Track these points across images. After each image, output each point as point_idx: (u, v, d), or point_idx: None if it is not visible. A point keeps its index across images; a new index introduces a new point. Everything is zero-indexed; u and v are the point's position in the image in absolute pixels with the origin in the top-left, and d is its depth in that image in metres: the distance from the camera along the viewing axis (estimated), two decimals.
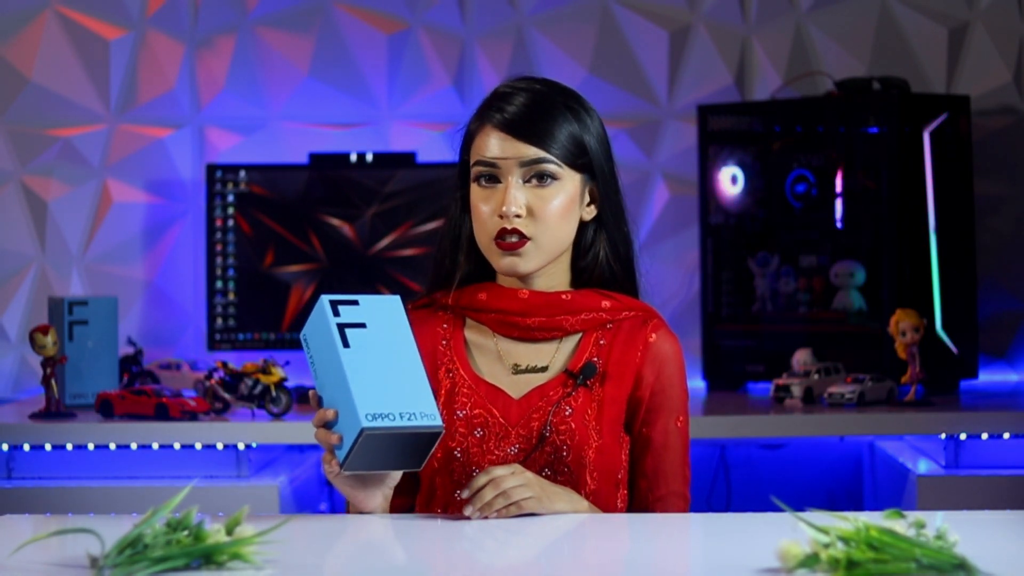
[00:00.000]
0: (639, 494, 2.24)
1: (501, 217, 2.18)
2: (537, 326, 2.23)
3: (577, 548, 1.97)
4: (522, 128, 2.19)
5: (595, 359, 2.23)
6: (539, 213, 2.19)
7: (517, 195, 2.18)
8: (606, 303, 2.26)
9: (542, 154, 2.19)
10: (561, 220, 2.21)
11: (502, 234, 2.18)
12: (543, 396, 2.21)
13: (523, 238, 2.18)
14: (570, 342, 2.26)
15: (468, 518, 2.05)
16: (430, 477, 2.20)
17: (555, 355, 2.25)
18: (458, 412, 2.19)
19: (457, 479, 2.18)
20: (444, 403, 2.21)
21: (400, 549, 1.96)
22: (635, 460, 2.24)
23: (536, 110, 2.20)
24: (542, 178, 2.19)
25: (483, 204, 2.20)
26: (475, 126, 2.23)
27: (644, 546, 1.99)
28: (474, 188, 2.21)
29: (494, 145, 2.19)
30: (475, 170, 2.21)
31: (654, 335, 2.26)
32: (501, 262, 2.20)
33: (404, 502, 2.24)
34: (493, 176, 2.20)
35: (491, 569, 1.85)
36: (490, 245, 2.20)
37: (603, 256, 2.28)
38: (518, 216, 2.18)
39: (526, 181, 2.19)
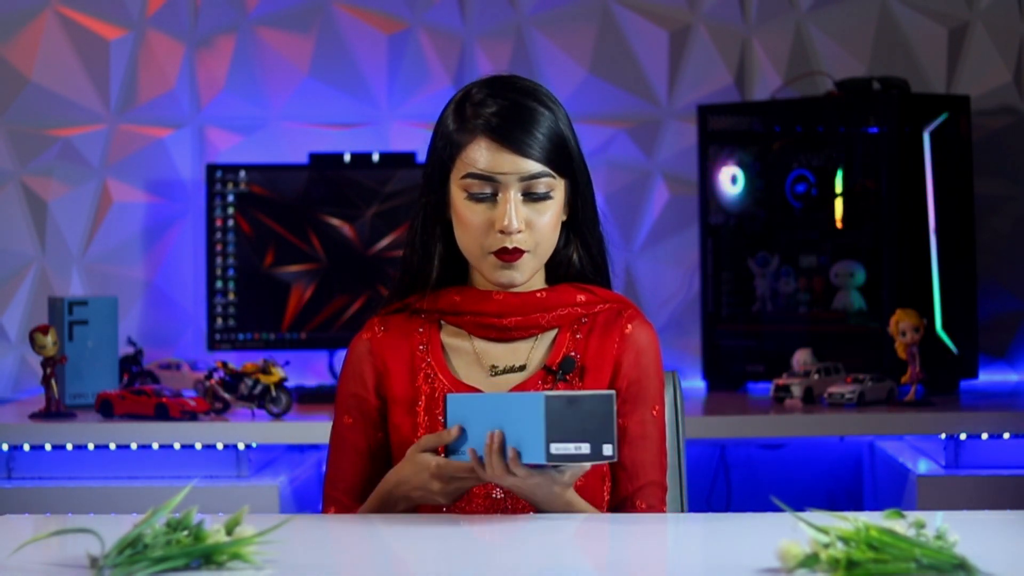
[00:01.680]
0: (618, 485, 2.23)
1: (502, 233, 2.16)
2: (514, 326, 2.23)
3: (575, 548, 1.97)
4: (519, 140, 2.16)
5: (572, 353, 2.23)
6: (536, 226, 2.18)
7: (520, 211, 2.17)
8: (581, 297, 2.26)
9: (541, 167, 2.17)
10: (554, 231, 2.21)
11: (502, 250, 2.17)
12: None
13: (520, 251, 2.18)
14: (546, 339, 2.25)
15: (467, 519, 2.05)
16: None
17: (531, 353, 2.24)
18: (439, 418, 2.19)
19: None
20: (425, 409, 2.20)
21: (399, 549, 1.96)
22: None
23: (527, 118, 2.17)
24: (539, 192, 2.18)
25: (476, 217, 2.17)
26: (462, 137, 2.18)
27: (644, 546, 1.99)
28: (464, 201, 2.18)
29: (491, 158, 2.16)
30: (466, 182, 2.17)
31: (630, 326, 2.26)
32: (496, 274, 2.19)
33: None
34: (488, 189, 2.18)
35: (490, 569, 1.85)
36: (484, 257, 2.18)
37: (576, 259, 2.28)
38: (519, 232, 2.18)
39: (524, 194, 2.18)
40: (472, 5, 4.40)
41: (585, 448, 1.97)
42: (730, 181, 4.18)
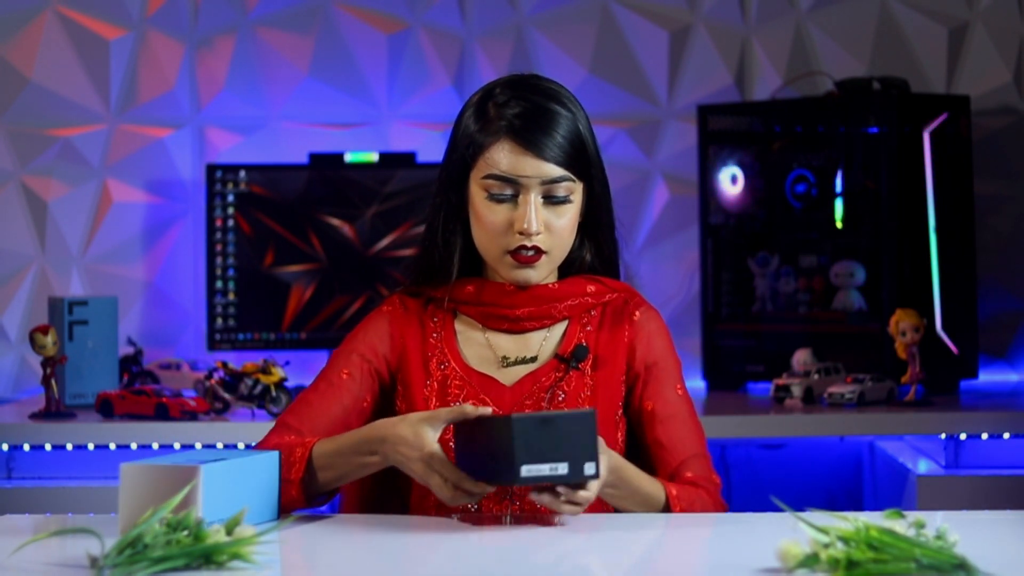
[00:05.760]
0: (661, 464, 2.25)
1: (521, 234, 2.19)
2: (526, 316, 2.26)
3: (577, 548, 1.97)
4: (541, 144, 2.18)
5: (584, 342, 2.25)
6: (555, 228, 2.21)
7: (540, 213, 2.19)
8: (591, 287, 2.29)
9: (562, 172, 2.20)
10: (571, 233, 2.25)
11: (520, 249, 2.20)
12: (535, 382, 2.23)
13: (539, 252, 2.20)
14: (557, 330, 2.29)
15: (467, 519, 2.05)
16: None
17: (543, 343, 2.27)
18: (451, 403, 2.20)
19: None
20: (437, 395, 2.22)
21: (399, 549, 1.96)
22: (647, 434, 2.26)
23: (550, 122, 2.19)
24: (560, 196, 2.20)
25: (495, 217, 2.20)
26: (485, 137, 2.21)
27: (644, 546, 1.99)
28: (483, 200, 2.21)
29: (514, 161, 2.19)
30: (487, 182, 2.20)
31: (637, 312, 2.30)
32: (513, 273, 2.22)
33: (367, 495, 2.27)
34: (509, 190, 2.20)
35: (490, 569, 1.85)
36: (502, 257, 2.21)
37: (588, 258, 2.31)
38: (538, 234, 2.19)
39: (544, 197, 2.20)
40: (472, 5, 4.40)
41: (563, 468, 1.95)
42: (730, 181, 4.18)
